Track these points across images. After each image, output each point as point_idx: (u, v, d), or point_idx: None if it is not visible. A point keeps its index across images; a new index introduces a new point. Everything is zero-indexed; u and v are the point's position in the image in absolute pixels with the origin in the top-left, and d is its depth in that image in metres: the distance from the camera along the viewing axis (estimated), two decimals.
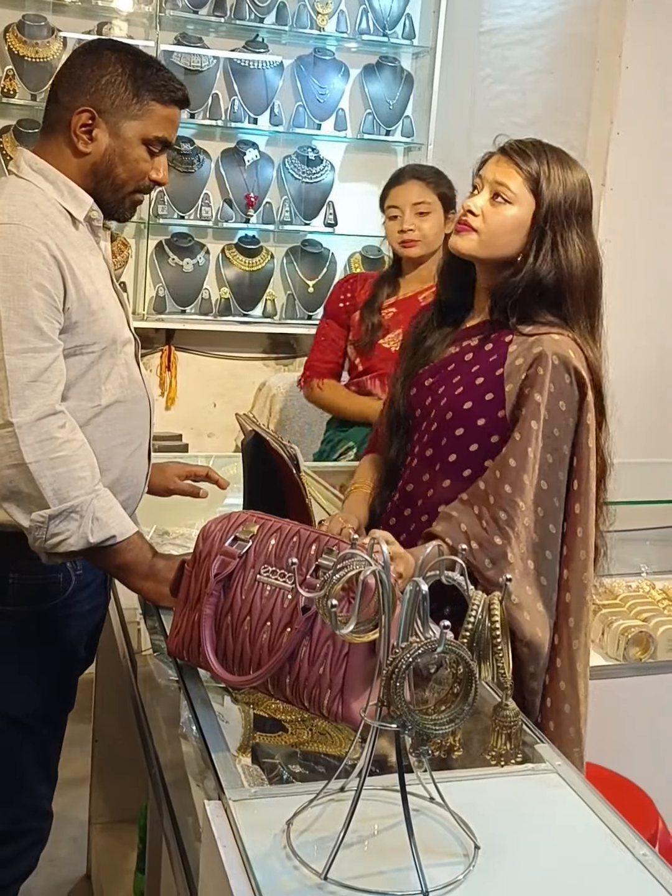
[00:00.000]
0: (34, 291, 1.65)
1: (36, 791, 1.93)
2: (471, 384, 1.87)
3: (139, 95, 1.77)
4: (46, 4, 3.76)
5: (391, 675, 1.01)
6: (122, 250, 3.99)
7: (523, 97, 3.70)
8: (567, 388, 1.77)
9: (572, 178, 1.83)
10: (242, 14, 3.93)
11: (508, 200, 1.81)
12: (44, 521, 1.65)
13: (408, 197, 2.99)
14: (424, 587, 1.04)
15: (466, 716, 1.03)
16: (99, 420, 1.80)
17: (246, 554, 1.48)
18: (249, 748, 1.67)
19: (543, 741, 1.41)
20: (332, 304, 3.21)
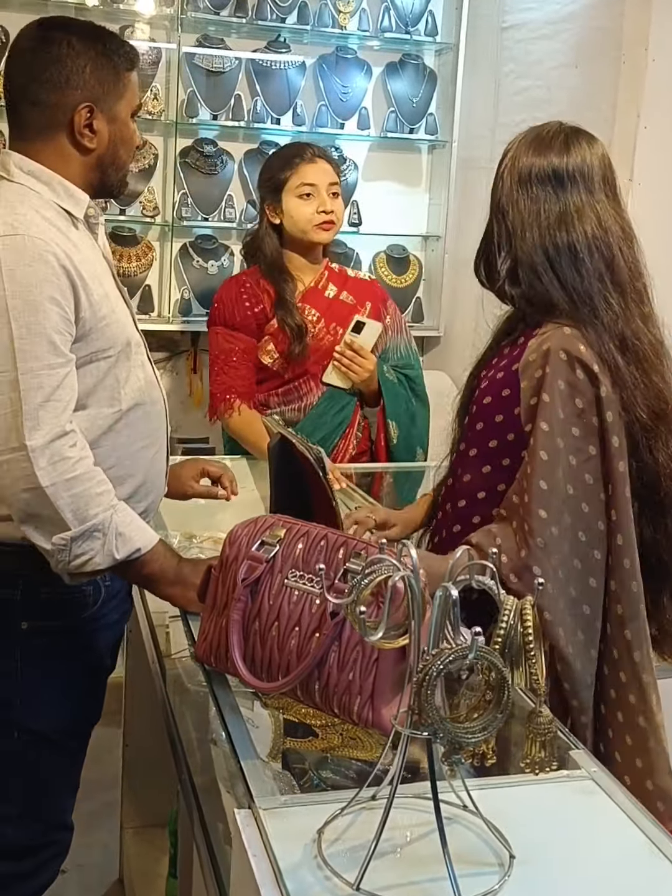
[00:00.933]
0: (46, 305, 1.61)
1: (60, 805, 1.91)
2: (493, 379, 1.84)
3: (118, 71, 1.74)
4: (69, 8, 3.75)
5: (422, 683, 0.99)
6: (146, 253, 3.99)
7: (548, 92, 3.65)
8: (580, 383, 1.69)
9: (531, 159, 1.76)
10: (264, 14, 3.91)
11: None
12: (66, 543, 1.62)
13: (324, 176, 2.82)
14: (454, 592, 1.02)
15: (500, 723, 1.01)
16: (120, 425, 1.78)
17: (273, 558, 1.46)
18: (280, 754, 1.65)
19: (578, 747, 1.39)
20: (236, 313, 2.86)
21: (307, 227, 2.80)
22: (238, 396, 2.81)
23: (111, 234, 3.94)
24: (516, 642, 1.04)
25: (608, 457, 1.69)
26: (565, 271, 1.73)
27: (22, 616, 1.78)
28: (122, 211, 3.91)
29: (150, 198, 3.93)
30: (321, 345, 2.87)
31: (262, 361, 2.85)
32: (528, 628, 1.03)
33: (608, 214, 1.76)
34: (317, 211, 2.78)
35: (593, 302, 1.73)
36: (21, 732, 1.81)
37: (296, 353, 2.81)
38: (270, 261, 2.87)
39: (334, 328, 2.89)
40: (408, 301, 4.27)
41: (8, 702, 1.80)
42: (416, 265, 4.28)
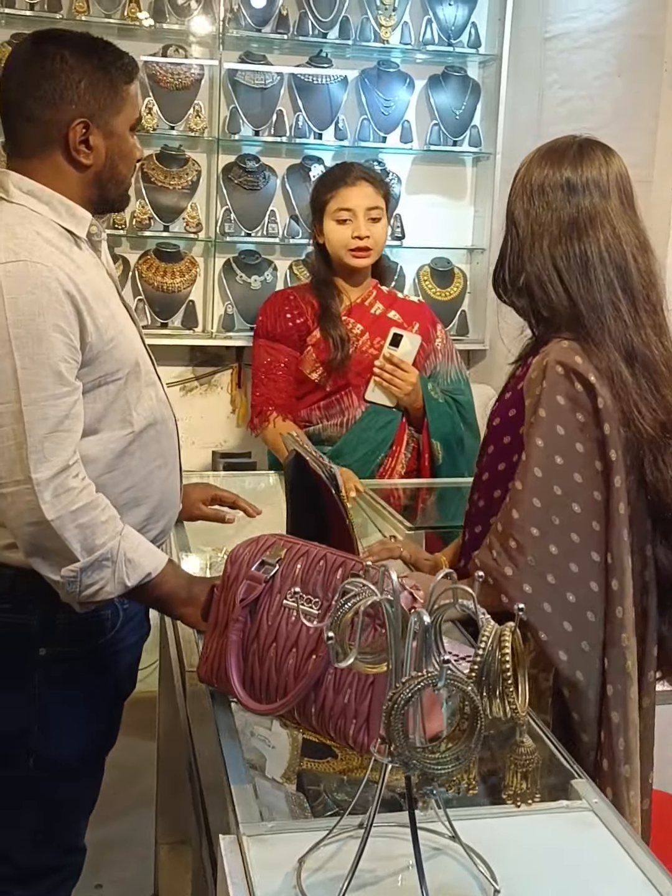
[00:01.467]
0: (50, 333, 1.58)
1: (73, 828, 1.90)
2: (502, 400, 1.81)
3: (115, 85, 1.71)
4: (112, 29, 3.80)
5: (390, 712, 0.96)
6: (190, 269, 4.01)
7: (591, 102, 3.60)
8: (579, 396, 1.64)
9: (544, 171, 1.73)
10: (305, 30, 3.92)
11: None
12: (75, 574, 1.60)
13: (362, 201, 2.79)
14: (426, 618, 0.99)
15: (472, 754, 0.98)
16: (134, 447, 1.75)
17: (272, 578, 1.45)
18: (295, 775, 1.63)
19: (581, 776, 1.34)
20: (278, 325, 2.88)
21: (342, 251, 2.81)
22: (275, 408, 2.82)
23: (155, 251, 3.97)
24: (494, 670, 1.00)
25: (605, 471, 1.64)
26: (574, 282, 1.69)
27: (40, 642, 1.76)
28: (166, 227, 3.94)
29: (194, 214, 3.96)
30: (364, 357, 2.86)
31: (305, 373, 2.85)
32: (506, 655, 1.00)
33: (622, 221, 1.72)
34: (352, 236, 2.77)
35: (601, 311, 1.68)
36: (37, 759, 1.79)
37: (337, 361, 2.80)
38: (318, 277, 2.91)
39: (378, 342, 2.89)
40: (452, 314, 4.23)
41: (25, 729, 1.78)
42: (460, 278, 4.25)
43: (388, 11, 3.97)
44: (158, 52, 3.86)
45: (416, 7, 4.04)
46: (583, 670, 1.64)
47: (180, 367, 4.11)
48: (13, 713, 1.78)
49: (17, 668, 1.77)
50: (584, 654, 1.64)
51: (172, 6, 3.82)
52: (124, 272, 3.94)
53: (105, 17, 3.76)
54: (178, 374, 4.11)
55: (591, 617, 1.63)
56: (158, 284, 3.96)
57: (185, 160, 3.94)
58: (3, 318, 1.57)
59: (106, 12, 3.76)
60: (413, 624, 1.01)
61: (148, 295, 3.97)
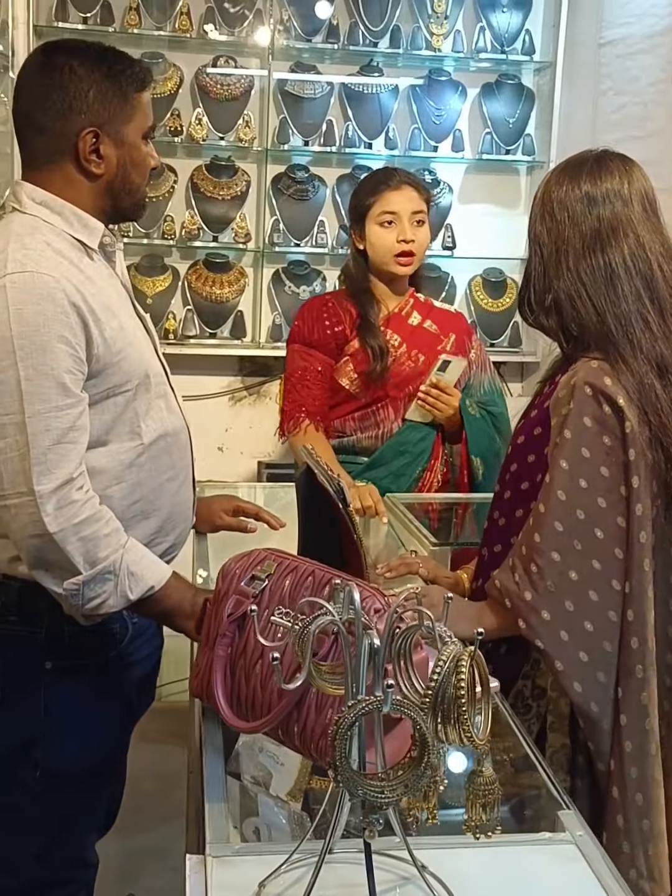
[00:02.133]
0: (56, 345, 1.56)
1: (80, 842, 1.87)
2: (528, 417, 1.76)
3: (125, 94, 1.68)
4: (163, 41, 3.84)
5: (335, 736, 0.92)
6: (238, 279, 4.02)
7: (645, 109, 3.52)
8: (608, 419, 1.59)
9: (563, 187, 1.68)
10: (356, 40, 3.91)
11: None
12: (78, 587, 1.58)
13: (407, 204, 2.71)
14: (376, 640, 0.95)
15: (424, 782, 0.94)
16: (143, 459, 1.73)
17: (261, 594, 1.42)
18: (301, 793, 1.60)
19: (570, 808, 1.29)
20: (315, 331, 2.78)
21: (386, 256, 2.74)
22: (307, 415, 2.74)
23: (205, 261, 3.99)
24: (449, 695, 0.96)
25: (629, 497, 1.58)
26: (601, 296, 1.64)
27: (46, 655, 1.74)
28: (215, 238, 3.96)
29: (243, 224, 3.97)
30: (402, 370, 2.81)
31: (340, 383, 2.78)
32: (462, 681, 0.95)
33: (646, 229, 1.66)
34: (397, 240, 2.71)
35: (630, 324, 1.63)
36: (43, 773, 1.77)
37: (376, 372, 2.73)
38: (356, 285, 2.83)
39: (416, 354, 2.83)
40: (504, 326, 4.18)
41: (31, 742, 1.76)
42: (513, 289, 4.18)
43: (440, 20, 3.93)
44: (209, 62, 3.88)
45: (469, 14, 4.01)
46: (597, 702, 1.59)
47: (229, 377, 4.12)
48: (20, 726, 1.76)
49: (23, 681, 1.75)
50: (598, 684, 1.59)
51: (224, 17, 3.84)
52: (174, 282, 3.97)
53: (156, 29, 3.80)
54: (227, 384, 4.12)
55: (607, 647, 1.58)
56: (207, 295, 3.98)
57: (234, 170, 3.96)
58: (7, 328, 1.56)
59: (157, 24, 3.79)
60: (365, 647, 0.97)
61: (197, 305, 3.98)
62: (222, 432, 4.13)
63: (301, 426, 2.74)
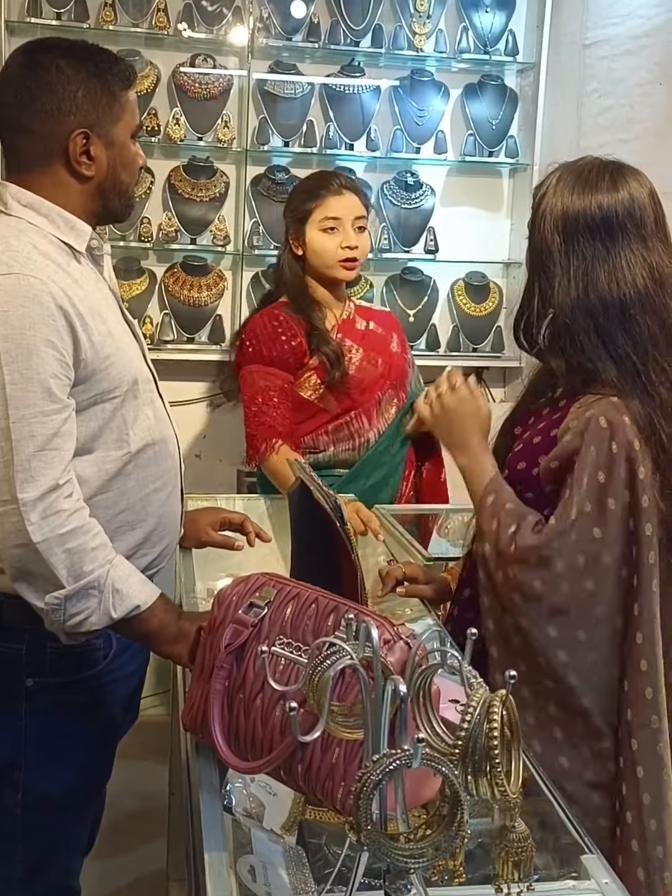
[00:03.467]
0: (42, 348, 1.53)
1: (65, 867, 1.82)
2: (528, 443, 1.69)
3: (113, 93, 1.65)
4: (139, 39, 3.74)
5: (359, 794, 0.84)
6: (217, 282, 3.93)
7: (631, 111, 3.47)
8: (615, 457, 1.53)
9: (575, 204, 1.59)
10: (337, 39, 3.82)
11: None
12: (59, 602, 1.52)
13: (350, 210, 2.65)
14: (403, 688, 0.87)
15: (453, 843, 0.86)
16: (130, 468, 1.68)
17: (260, 623, 1.33)
18: (296, 826, 1.52)
19: (593, 852, 1.22)
20: (274, 348, 2.65)
21: (330, 262, 2.66)
22: (279, 437, 2.61)
23: (182, 264, 3.90)
24: (481, 745, 0.89)
25: (639, 544, 1.53)
26: (614, 336, 1.57)
27: (27, 672, 1.69)
28: (193, 240, 3.86)
29: (221, 227, 3.87)
30: (364, 376, 2.74)
31: (304, 397, 2.69)
32: (494, 729, 0.88)
33: (664, 263, 1.59)
34: (340, 246, 2.64)
35: (646, 372, 1.56)
36: (25, 794, 1.72)
37: (335, 378, 2.65)
38: (295, 292, 2.73)
39: (374, 357, 2.76)
40: (487, 331, 4.11)
41: (11, 762, 1.71)
42: (496, 293, 4.12)
43: (423, 19, 3.86)
44: (187, 61, 3.79)
45: (452, 14, 3.94)
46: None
47: (207, 382, 4.02)
48: (0, 746, 1.71)
49: (3, 699, 1.70)
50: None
51: (202, 15, 3.74)
52: (150, 286, 3.87)
53: (132, 26, 3.70)
54: (206, 389, 4.03)
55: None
56: (185, 298, 3.88)
57: (212, 171, 3.87)
58: None
59: (133, 21, 3.70)
60: (388, 693, 0.89)
61: (174, 309, 3.89)
62: (200, 439, 4.04)
63: (275, 448, 2.60)
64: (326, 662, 1.00)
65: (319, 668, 0.98)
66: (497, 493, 1.65)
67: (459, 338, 4.10)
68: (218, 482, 3.98)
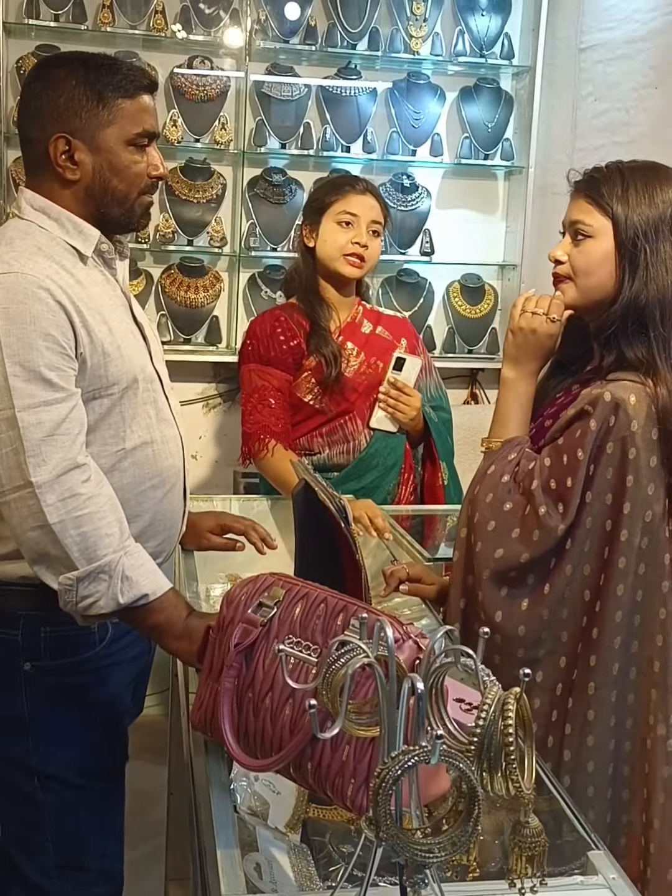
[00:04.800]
0: (39, 342, 1.57)
1: (103, 852, 1.82)
2: (540, 426, 1.77)
3: (103, 99, 1.67)
4: (137, 40, 3.75)
5: (378, 790, 0.86)
6: (214, 284, 3.94)
7: (627, 115, 3.49)
8: (610, 431, 1.61)
9: (660, 195, 1.66)
10: (334, 41, 3.84)
11: (588, 235, 1.69)
12: (72, 583, 1.55)
13: (368, 210, 2.65)
14: (420, 685, 0.89)
15: (470, 838, 0.87)
16: (125, 464, 1.71)
17: (269, 622, 1.35)
18: (300, 823, 1.53)
19: (599, 847, 1.23)
20: (271, 348, 2.68)
21: (337, 254, 2.64)
22: (273, 436, 2.61)
23: (179, 266, 3.91)
24: (496, 742, 0.90)
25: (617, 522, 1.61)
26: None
27: (25, 657, 1.72)
28: (190, 241, 3.88)
29: (218, 228, 3.89)
30: (362, 379, 2.74)
31: (302, 399, 2.69)
32: (509, 726, 0.89)
33: None
34: (351, 241, 2.63)
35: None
36: (41, 778, 1.74)
37: (331, 378, 2.65)
38: (305, 286, 2.73)
39: (374, 362, 2.76)
40: (482, 332, 4.13)
41: (20, 747, 1.74)
42: (491, 295, 4.14)
43: (419, 22, 3.88)
44: (184, 63, 3.80)
45: (448, 18, 3.96)
46: None
47: (203, 383, 4.04)
48: (8, 732, 1.75)
49: (4, 684, 1.74)
50: None
51: (199, 17, 3.76)
52: (147, 287, 3.88)
53: (130, 28, 3.71)
54: (202, 390, 4.04)
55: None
56: (182, 299, 3.90)
57: (209, 173, 3.88)
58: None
59: (131, 23, 3.71)
60: (405, 690, 0.91)
61: (171, 310, 3.90)
62: (196, 439, 4.05)
63: (268, 447, 2.61)
64: (341, 661, 1.01)
65: (334, 666, 0.99)
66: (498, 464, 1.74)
67: (455, 339, 4.12)
68: (214, 483, 3.99)
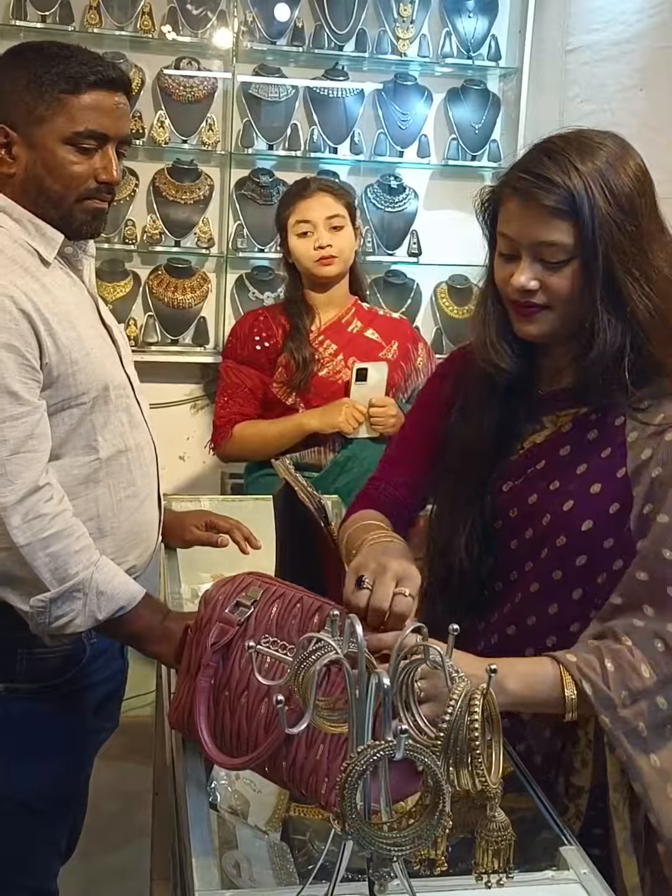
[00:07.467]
0: (3, 353, 1.51)
1: (42, 871, 1.80)
2: (583, 493, 1.42)
3: (42, 94, 1.57)
4: (124, 42, 3.76)
5: (344, 784, 0.86)
6: (201, 285, 3.94)
7: (613, 116, 3.50)
8: None
9: (621, 177, 1.39)
10: (321, 43, 3.85)
11: (564, 259, 1.39)
12: (45, 605, 1.52)
13: (320, 211, 2.69)
14: (386, 681, 0.89)
15: (435, 832, 0.88)
16: (100, 475, 1.67)
17: (246, 622, 1.35)
18: (280, 822, 1.54)
19: (573, 843, 1.24)
20: (246, 348, 2.76)
21: (308, 263, 2.71)
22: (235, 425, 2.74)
23: (167, 266, 3.91)
24: (462, 737, 0.91)
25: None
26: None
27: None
28: (178, 242, 3.88)
29: (206, 229, 3.89)
30: (337, 378, 2.76)
31: (278, 397, 2.73)
32: (475, 722, 0.90)
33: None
34: (314, 247, 2.68)
35: None
36: (2, 800, 1.70)
37: (296, 382, 2.71)
38: (289, 296, 2.83)
39: (352, 363, 2.78)
40: None
41: None
42: None
43: (406, 24, 3.89)
44: (172, 64, 3.80)
45: (435, 19, 3.97)
46: None
47: (191, 384, 4.04)
48: None
49: None
50: None
51: (187, 18, 3.76)
52: (134, 288, 3.88)
53: (117, 29, 3.72)
54: (189, 391, 4.04)
55: None
56: (169, 300, 3.90)
57: (197, 174, 3.88)
58: None
59: (118, 24, 3.71)
60: (372, 686, 0.91)
61: (158, 311, 3.90)
62: (183, 440, 4.06)
63: (231, 432, 2.74)
64: (312, 657, 1.02)
65: (305, 662, 0.99)
66: None
67: (442, 340, 4.12)
68: (201, 484, 3.99)
